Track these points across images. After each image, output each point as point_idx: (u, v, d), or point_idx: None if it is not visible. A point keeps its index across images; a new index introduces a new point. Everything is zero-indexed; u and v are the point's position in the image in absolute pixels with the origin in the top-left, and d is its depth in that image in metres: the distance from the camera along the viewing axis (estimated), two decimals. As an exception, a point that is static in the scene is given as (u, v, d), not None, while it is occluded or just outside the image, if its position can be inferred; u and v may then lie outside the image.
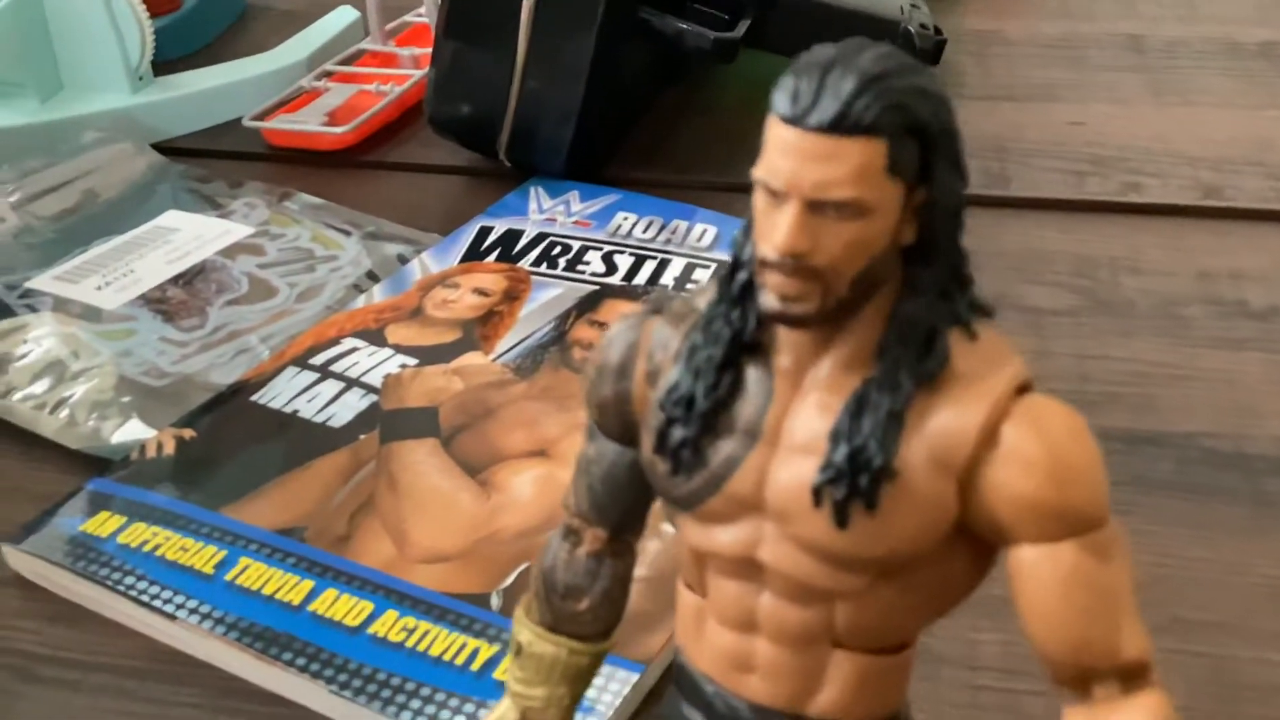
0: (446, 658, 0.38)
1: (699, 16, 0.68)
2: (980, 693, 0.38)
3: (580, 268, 0.58)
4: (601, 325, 0.54)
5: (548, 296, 0.56)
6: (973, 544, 0.23)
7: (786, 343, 0.23)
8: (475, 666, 0.38)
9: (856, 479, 0.22)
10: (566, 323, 0.54)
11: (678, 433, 0.24)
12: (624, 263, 0.58)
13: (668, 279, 0.57)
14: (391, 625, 0.39)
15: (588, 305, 0.55)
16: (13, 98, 0.72)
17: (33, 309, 0.56)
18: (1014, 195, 0.65)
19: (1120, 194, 0.65)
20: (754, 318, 0.23)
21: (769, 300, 0.22)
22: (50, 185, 0.65)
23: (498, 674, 0.37)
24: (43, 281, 0.58)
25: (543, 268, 0.58)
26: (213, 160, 0.71)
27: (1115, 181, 0.66)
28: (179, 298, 0.57)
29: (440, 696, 0.37)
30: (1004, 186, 0.66)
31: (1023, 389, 0.22)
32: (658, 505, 0.27)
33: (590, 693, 0.32)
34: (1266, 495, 0.45)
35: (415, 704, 0.37)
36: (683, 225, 0.61)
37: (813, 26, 0.76)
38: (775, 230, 0.21)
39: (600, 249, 0.59)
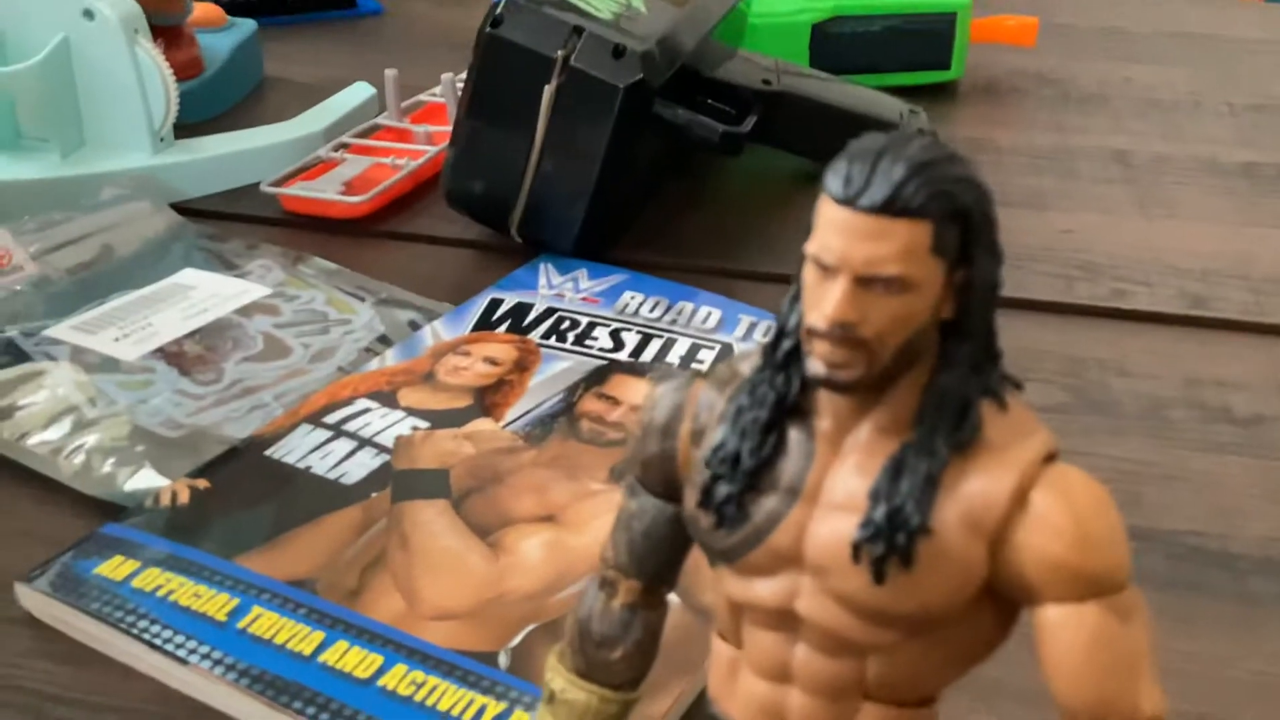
0: (454, 713, 0.39)
1: (709, 111, 0.70)
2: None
3: (588, 342, 0.60)
4: (609, 399, 0.55)
5: (556, 369, 0.57)
6: (997, 604, 0.24)
7: (828, 407, 0.25)
8: (483, 723, 0.38)
9: (894, 537, 0.23)
10: (575, 395, 0.55)
11: (723, 489, 0.25)
12: (631, 340, 0.60)
13: (673, 357, 0.59)
14: (401, 679, 0.40)
15: (596, 379, 0.57)
16: (37, 152, 0.74)
17: (50, 356, 0.57)
18: (1006, 296, 0.67)
19: (1109, 299, 0.68)
20: (797, 383, 0.25)
21: (816, 366, 0.24)
22: (69, 238, 0.67)
23: (505, 731, 0.38)
24: (60, 330, 0.59)
25: (552, 341, 0.60)
26: (229, 222, 0.73)
27: (1104, 288, 0.69)
28: (195, 352, 0.58)
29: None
30: (997, 287, 0.68)
31: (1050, 458, 0.24)
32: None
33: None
34: (1251, 594, 0.47)
35: (423, 756, 0.37)
36: (688, 306, 0.63)
37: (815, 125, 0.79)
38: (825, 301, 0.23)
39: (608, 325, 0.61)
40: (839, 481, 0.24)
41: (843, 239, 0.23)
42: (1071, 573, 0.23)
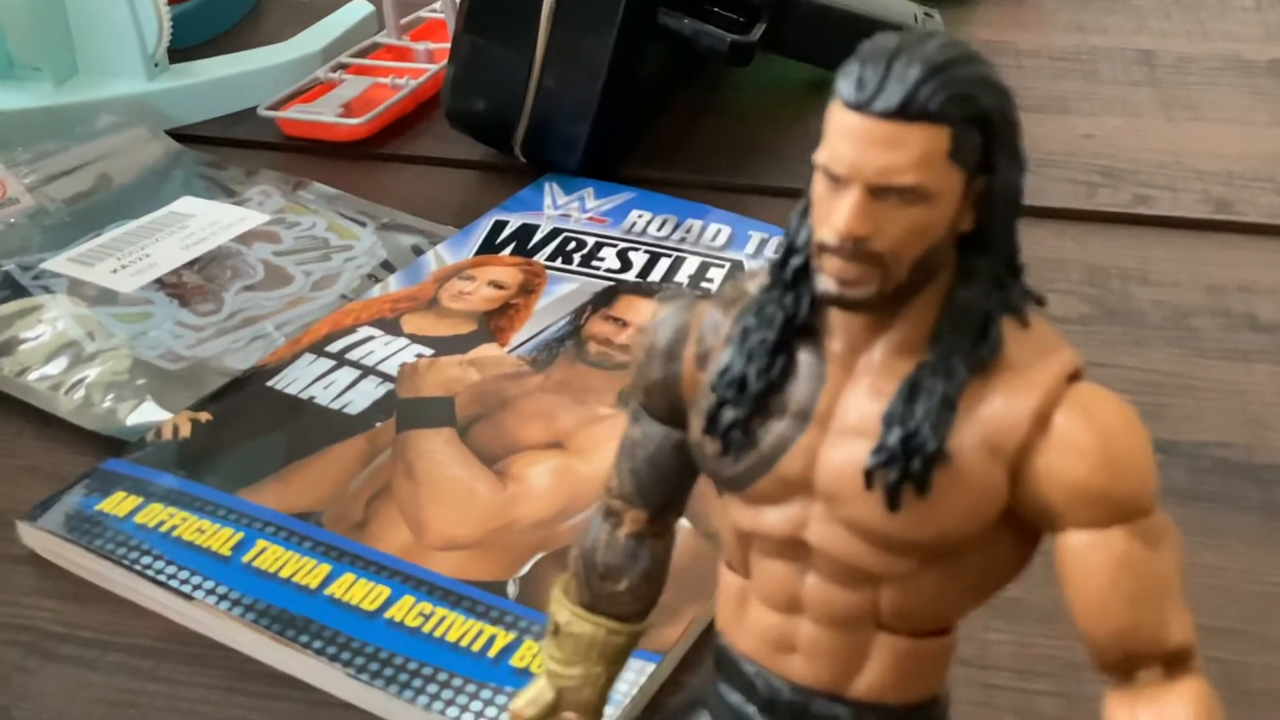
0: (463, 644, 0.38)
1: (716, 19, 0.68)
2: (994, 692, 0.39)
3: (595, 263, 0.58)
4: (617, 320, 0.54)
5: (563, 291, 0.56)
6: (1017, 530, 0.23)
7: (839, 327, 0.23)
8: (492, 653, 0.38)
9: (909, 462, 0.22)
10: (582, 317, 0.54)
11: (729, 414, 0.24)
12: (639, 259, 0.59)
13: (682, 277, 0.57)
14: (408, 610, 0.39)
15: (603, 300, 0.55)
16: (29, 80, 0.72)
17: (47, 290, 0.56)
18: (1026, 204, 0.65)
19: (1131, 206, 0.66)
20: (807, 302, 0.23)
21: (827, 284, 0.22)
22: (65, 168, 0.65)
23: (514, 661, 0.38)
24: (57, 263, 0.58)
25: (558, 262, 0.58)
26: (227, 148, 0.72)
27: (1126, 193, 0.67)
28: (194, 283, 0.57)
29: (457, 682, 0.37)
30: (1016, 195, 0.66)
31: (1074, 377, 0.23)
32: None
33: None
34: (1277, 505, 0.46)
35: (432, 688, 0.37)
36: (697, 224, 0.62)
37: (826, 32, 0.77)
38: (836, 215, 0.21)
39: (615, 245, 0.60)
40: (851, 404, 0.23)
41: (855, 147, 0.21)
42: (1096, 497, 0.22)
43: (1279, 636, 0.40)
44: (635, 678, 0.37)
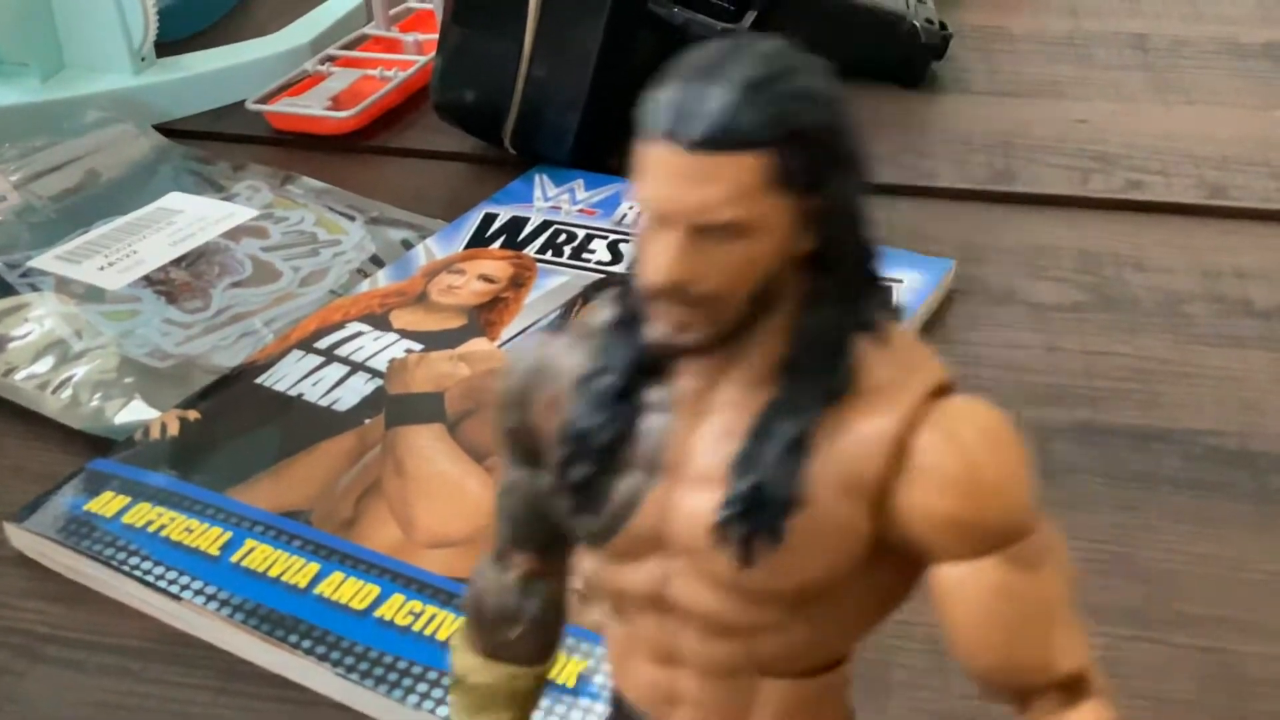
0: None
1: (706, 8, 0.68)
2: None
3: (586, 256, 0.58)
4: (608, 313, 0.53)
5: (553, 284, 0.56)
6: (895, 554, 0.21)
7: (688, 365, 0.21)
8: (482, 651, 0.38)
9: (759, 514, 0.20)
10: (573, 310, 0.54)
11: (576, 470, 0.22)
12: (630, 251, 0.58)
13: (673, 268, 0.57)
14: (398, 609, 0.39)
15: (594, 293, 0.55)
16: (15, 76, 0.72)
17: (34, 288, 0.56)
18: (1019, 191, 0.65)
19: (1124, 191, 0.65)
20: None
21: (656, 330, 0.20)
22: (52, 164, 0.65)
23: (505, 659, 0.37)
24: (45, 261, 0.58)
25: (548, 255, 0.58)
26: (215, 142, 0.71)
27: (1119, 179, 0.66)
28: (182, 279, 0.56)
29: (447, 680, 0.37)
30: (1009, 182, 0.66)
31: (941, 391, 0.21)
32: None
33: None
34: (1271, 492, 0.45)
35: (422, 687, 0.37)
36: (688, 215, 0.61)
37: (819, 19, 0.76)
38: (656, 259, 0.20)
39: (606, 237, 0.59)
40: (702, 449, 0.21)
41: (667, 185, 0.19)
42: (965, 528, 0.20)
43: (1274, 624, 0.40)
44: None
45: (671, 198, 0.19)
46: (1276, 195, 0.65)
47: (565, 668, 0.37)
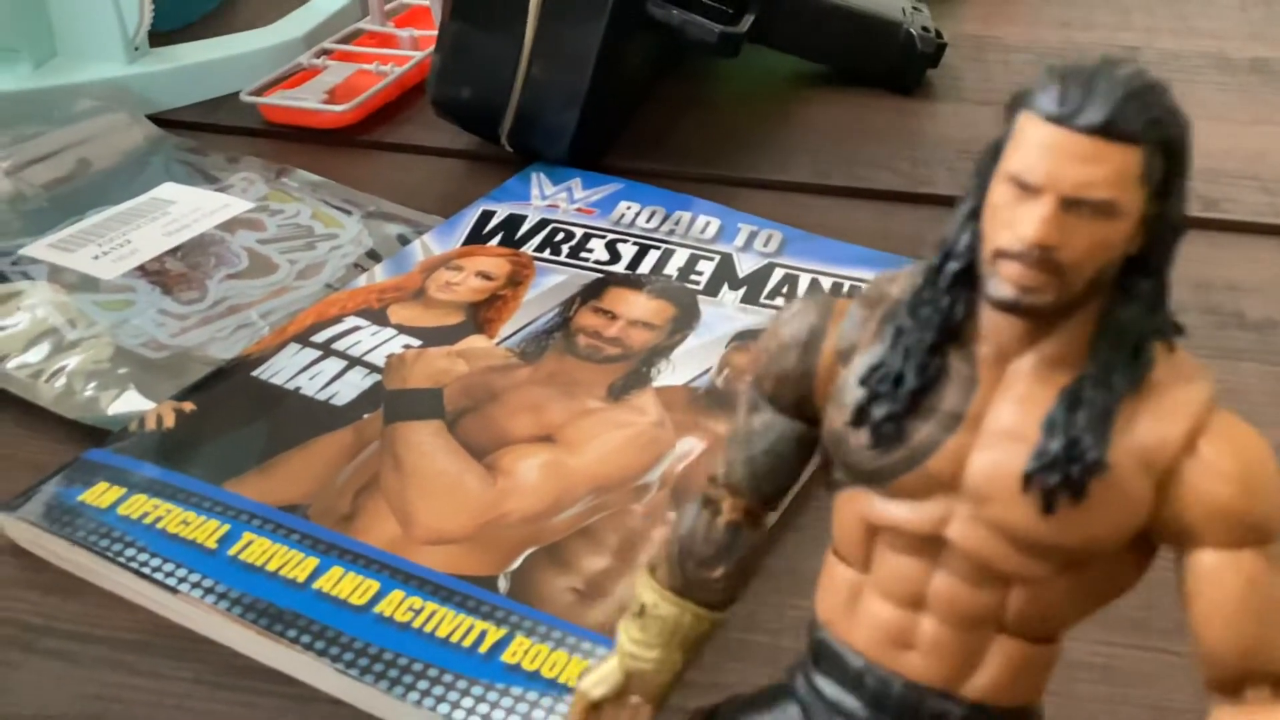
0: (454, 639, 0.38)
1: (705, 10, 0.68)
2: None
3: (584, 255, 0.58)
4: (606, 313, 0.53)
5: (551, 283, 0.56)
6: (1141, 545, 0.24)
7: (992, 334, 0.24)
8: (483, 649, 0.37)
9: (1070, 468, 0.23)
10: (570, 309, 0.54)
11: (881, 409, 0.24)
12: (627, 251, 0.58)
13: (671, 269, 0.57)
14: (398, 605, 0.39)
15: (592, 292, 0.55)
16: (6, 63, 0.71)
17: (27, 276, 0.55)
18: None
19: (1118, 202, 0.66)
20: (962, 306, 0.24)
21: (1004, 289, 0.23)
22: (44, 153, 0.64)
23: (505, 657, 0.37)
24: (37, 249, 0.57)
25: (546, 253, 0.58)
26: (208, 134, 0.71)
27: (1113, 190, 0.67)
28: (177, 270, 0.56)
29: (448, 678, 0.37)
30: (1003, 191, 0.66)
31: (1213, 404, 0.24)
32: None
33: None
34: (1266, 503, 0.46)
35: (423, 684, 0.36)
36: (685, 216, 0.61)
37: (816, 25, 0.77)
38: (1023, 222, 0.22)
39: (604, 237, 0.59)
40: (1003, 410, 0.24)
41: (1052, 158, 0.22)
42: (1235, 518, 0.23)
43: (1269, 635, 0.40)
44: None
45: (1054, 170, 0.22)
46: (1267, 209, 0.65)
47: (567, 667, 0.37)
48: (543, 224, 0.60)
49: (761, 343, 0.27)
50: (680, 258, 0.58)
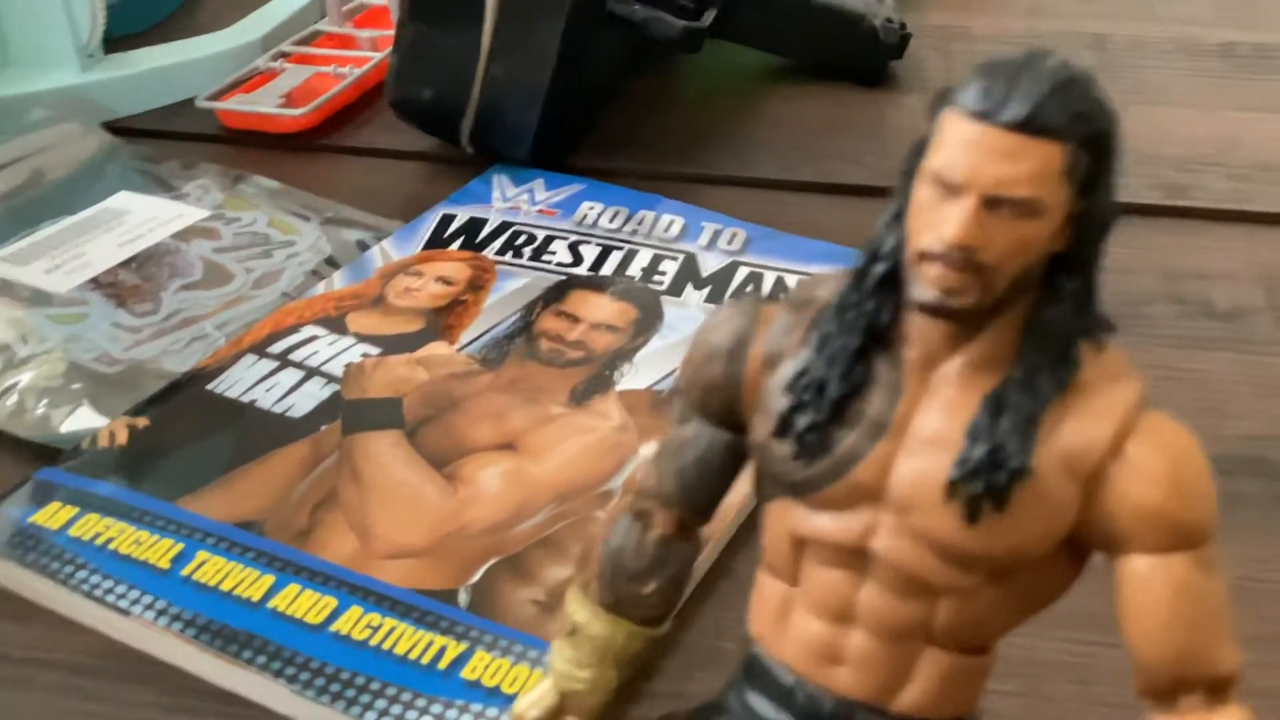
0: (412, 656, 0.37)
1: (667, 5, 0.67)
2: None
3: (546, 257, 0.57)
4: (569, 316, 0.53)
5: (513, 286, 0.55)
6: (1071, 551, 0.24)
7: (919, 338, 0.23)
8: (442, 665, 0.37)
9: (993, 476, 0.22)
10: (533, 313, 0.53)
11: (805, 418, 0.24)
12: (590, 253, 0.57)
13: (635, 270, 0.56)
14: (355, 622, 0.38)
15: (554, 296, 0.54)
16: (-44, 73, 0.70)
17: (-22, 291, 0.54)
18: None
19: (1085, 192, 0.65)
20: (888, 311, 0.23)
21: (927, 291, 0.22)
22: (-4, 164, 0.63)
23: (465, 673, 0.37)
24: (-12, 263, 0.56)
25: (507, 257, 0.57)
26: (165, 141, 0.69)
27: (1080, 179, 0.66)
28: (131, 282, 0.55)
29: (406, 696, 0.36)
30: (970, 182, 0.65)
31: (1142, 404, 0.23)
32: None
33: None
34: (1236, 496, 0.45)
35: (380, 704, 0.36)
36: (649, 216, 0.61)
37: (779, 18, 0.76)
38: (945, 223, 0.21)
39: (566, 238, 0.58)
40: (929, 416, 0.23)
41: (974, 156, 0.21)
42: (1165, 522, 0.22)
43: (1242, 631, 0.40)
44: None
45: (975, 168, 0.21)
46: (1234, 195, 0.65)
47: (528, 682, 0.36)
48: (504, 226, 0.59)
49: (689, 351, 0.26)
50: (644, 258, 0.57)
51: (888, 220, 0.23)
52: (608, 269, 0.56)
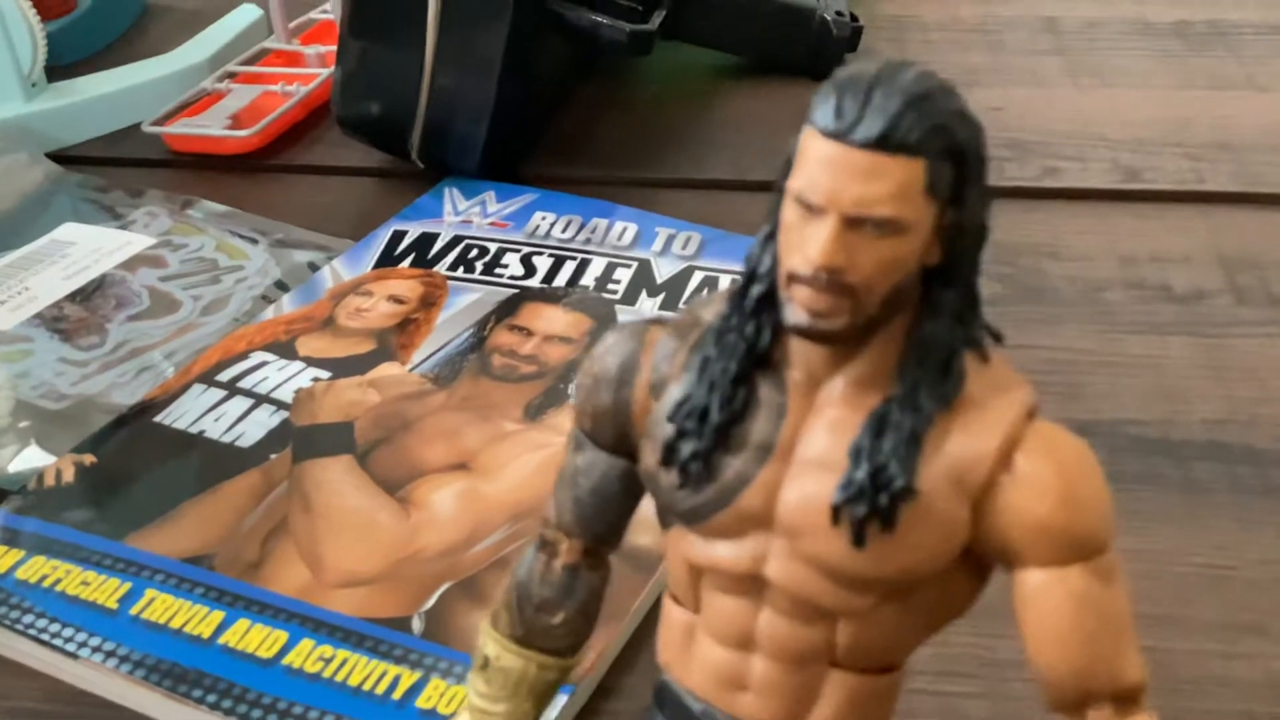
0: (366, 687, 0.36)
1: (613, 9, 0.66)
2: (916, 697, 0.37)
3: (498, 270, 0.56)
4: (521, 330, 0.52)
5: (465, 301, 0.54)
6: (970, 566, 0.23)
7: (800, 358, 0.23)
8: (397, 695, 0.36)
9: (877, 497, 0.22)
10: (485, 328, 0.52)
11: (689, 446, 0.23)
12: (543, 264, 0.57)
13: (588, 279, 0.56)
14: (307, 655, 0.38)
15: (507, 310, 0.53)
16: (-104, 108, 0.69)
17: (-79, 331, 0.53)
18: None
19: (1039, 179, 0.65)
20: (769, 332, 0.23)
21: (797, 314, 0.22)
22: (-62, 199, 0.62)
23: (420, 702, 0.36)
24: (-69, 302, 0.55)
25: (459, 272, 0.56)
26: (112, 168, 0.69)
27: (1034, 166, 0.66)
28: (77, 315, 0.54)
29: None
30: (926, 174, 0.65)
31: (1030, 414, 0.23)
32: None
33: None
34: (1196, 482, 0.45)
35: (334, 738, 0.35)
36: (602, 224, 0.60)
37: (728, 16, 0.75)
38: (810, 245, 0.21)
39: (518, 250, 0.58)
40: (813, 438, 0.23)
41: (832, 176, 0.21)
42: (1057, 534, 0.22)
43: (1205, 619, 0.40)
44: (549, 712, 0.35)
45: (834, 188, 0.21)
46: (1190, 176, 0.65)
47: (483, 709, 0.36)
48: (456, 241, 0.59)
49: (578, 377, 0.26)
50: (597, 267, 0.56)
51: (762, 240, 0.23)
52: (561, 280, 0.56)
